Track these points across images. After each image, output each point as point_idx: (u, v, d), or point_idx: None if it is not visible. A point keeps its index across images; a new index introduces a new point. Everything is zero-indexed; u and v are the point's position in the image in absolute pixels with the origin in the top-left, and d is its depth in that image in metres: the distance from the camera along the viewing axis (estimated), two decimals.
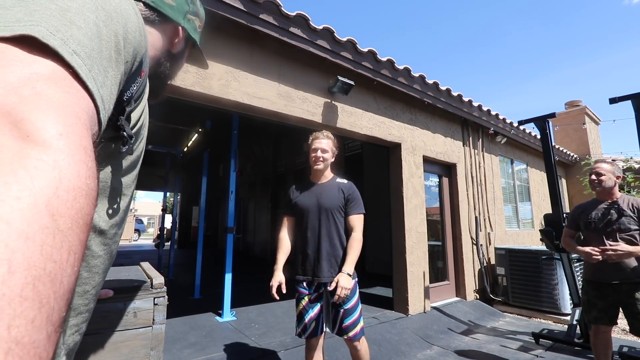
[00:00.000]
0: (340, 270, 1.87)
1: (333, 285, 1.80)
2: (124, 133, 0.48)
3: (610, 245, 2.18)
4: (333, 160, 2.08)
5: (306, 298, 1.94)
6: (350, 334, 1.86)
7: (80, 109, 0.32)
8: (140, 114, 0.55)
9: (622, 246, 2.13)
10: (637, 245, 2.16)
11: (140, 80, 0.51)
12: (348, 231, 1.99)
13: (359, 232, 1.94)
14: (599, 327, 2.29)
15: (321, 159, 1.99)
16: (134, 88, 0.49)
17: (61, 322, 0.24)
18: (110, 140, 0.49)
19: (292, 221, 2.08)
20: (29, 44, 0.30)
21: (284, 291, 1.91)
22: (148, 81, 0.75)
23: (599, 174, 2.32)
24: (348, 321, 1.87)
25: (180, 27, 0.68)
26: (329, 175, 2.07)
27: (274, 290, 1.89)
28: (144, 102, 0.57)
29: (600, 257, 2.16)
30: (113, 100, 0.41)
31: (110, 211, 0.53)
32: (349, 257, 1.87)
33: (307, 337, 1.88)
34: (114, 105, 0.43)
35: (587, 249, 2.24)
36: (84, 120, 0.31)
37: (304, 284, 1.96)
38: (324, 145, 2.00)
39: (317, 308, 1.93)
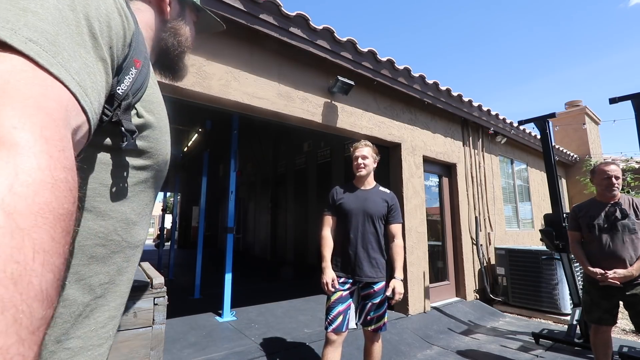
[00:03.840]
0: (392, 276, 2.03)
1: (389, 291, 1.98)
2: (123, 128, 0.46)
3: (607, 273, 2.18)
4: (375, 166, 2.19)
5: (338, 293, 2.01)
6: (375, 326, 2.00)
7: (46, 98, 0.30)
8: (149, 106, 0.53)
9: (619, 272, 2.15)
10: None
11: (136, 71, 0.49)
12: (387, 238, 2.14)
13: (401, 239, 2.14)
14: (599, 327, 2.28)
15: (362, 165, 2.11)
16: (128, 80, 0.47)
17: (40, 322, 0.23)
18: (113, 136, 0.48)
19: (333, 221, 2.16)
20: None
21: (337, 287, 2.00)
22: (159, 67, 0.72)
23: (617, 177, 2.27)
24: (374, 314, 2.01)
25: None
26: (372, 182, 2.19)
27: (329, 287, 1.98)
28: (154, 96, 0.55)
29: (616, 282, 2.15)
30: (102, 87, 0.39)
31: (137, 204, 0.54)
32: (398, 264, 2.05)
33: (333, 330, 1.93)
34: (106, 94, 0.41)
35: (598, 271, 2.21)
36: (48, 110, 0.30)
37: (340, 281, 2.05)
38: (365, 152, 2.13)
39: (346, 304, 2.00)
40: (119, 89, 0.46)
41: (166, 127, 0.59)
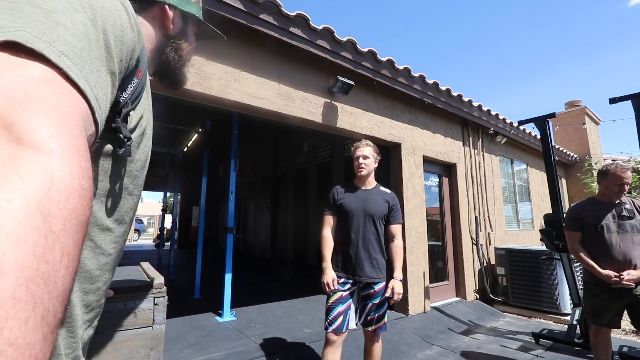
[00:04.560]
0: (391, 276, 2.03)
1: (389, 291, 1.98)
2: (121, 135, 0.48)
3: (622, 275, 2.10)
4: (376, 165, 2.19)
5: (338, 294, 2.01)
6: (375, 326, 2.00)
7: (73, 109, 0.32)
8: (141, 114, 0.55)
9: (632, 273, 2.09)
10: None
11: (137, 80, 0.50)
12: (387, 238, 2.14)
13: (401, 240, 2.14)
14: (601, 329, 2.23)
15: (363, 165, 2.11)
16: (130, 89, 0.49)
17: (57, 322, 0.24)
18: (107, 142, 0.49)
19: (334, 220, 2.17)
20: (18, 49, 0.30)
21: (336, 287, 2.00)
22: (159, 77, 0.73)
23: (629, 184, 2.23)
24: (375, 315, 2.01)
25: (166, 5, 0.65)
26: (372, 182, 2.19)
27: (332, 287, 1.98)
28: (146, 103, 0.57)
29: (631, 283, 2.08)
30: (109, 100, 0.41)
31: (116, 210, 0.53)
32: (398, 264, 2.06)
33: (333, 331, 1.93)
34: (110, 105, 0.42)
35: (612, 274, 2.11)
36: (76, 121, 0.31)
37: (341, 281, 2.04)
38: (365, 152, 2.13)
39: (346, 304, 2.00)
40: (120, 98, 0.47)
41: (151, 133, 0.60)
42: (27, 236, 0.23)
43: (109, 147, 0.49)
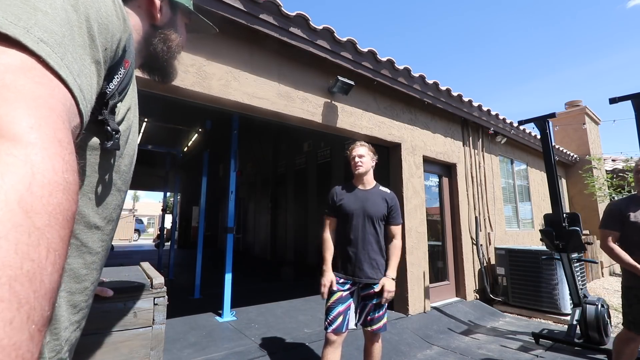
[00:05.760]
0: (384, 274, 2.03)
1: (379, 288, 1.98)
2: (108, 127, 0.46)
3: None
4: (374, 164, 2.19)
5: (338, 294, 2.01)
6: (375, 326, 2.00)
7: (55, 99, 0.30)
8: (128, 107, 0.53)
9: None
10: None
11: (124, 71, 0.48)
12: (387, 238, 2.14)
13: (399, 240, 2.14)
14: (637, 337, 2.08)
15: (359, 163, 2.12)
16: (117, 80, 0.47)
17: (45, 321, 0.24)
18: (94, 135, 0.47)
19: (334, 222, 2.17)
20: None
21: (335, 289, 2.01)
22: (147, 69, 0.72)
23: None
24: (374, 315, 2.01)
25: None
26: (371, 181, 2.19)
27: (327, 289, 1.98)
28: (132, 95, 0.55)
29: None
30: (94, 90, 0.39)
31: (104, 207, 0.52)
32: (393, 263, 2.05)
33: (333, 331, 1.93)
34: (96, 96, 0.41)
35: None
36: (58, 112, 0.30)
37: (340, 281, 2.05)
38: (361, 152, 2.14)
39: (346, 304, 2.00)
40: (107, 89, 0.45)
41: (137, 128, 0.59)
42: (8, 233, 0.22)
43: (95, 140, 0.47)
